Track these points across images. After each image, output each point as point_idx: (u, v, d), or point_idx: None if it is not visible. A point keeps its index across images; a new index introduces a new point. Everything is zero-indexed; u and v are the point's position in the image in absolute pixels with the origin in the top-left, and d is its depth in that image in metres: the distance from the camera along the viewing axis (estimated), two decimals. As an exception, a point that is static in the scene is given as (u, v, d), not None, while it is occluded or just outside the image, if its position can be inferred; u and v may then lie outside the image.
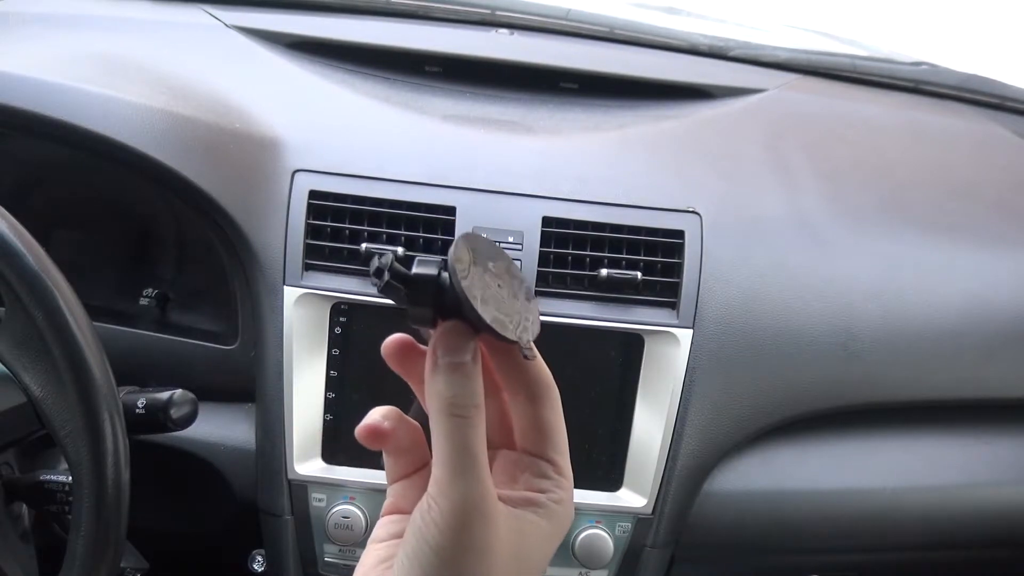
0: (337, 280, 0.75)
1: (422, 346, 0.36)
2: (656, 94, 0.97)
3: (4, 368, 0.57)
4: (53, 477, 0.61)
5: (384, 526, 0.38)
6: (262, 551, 0.83)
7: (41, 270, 0.55)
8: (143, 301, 0.84)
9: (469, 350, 0.33)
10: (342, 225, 0.75)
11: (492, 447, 0.38)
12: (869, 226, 0.85)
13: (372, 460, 0.77)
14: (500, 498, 0.34)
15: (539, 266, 0.75)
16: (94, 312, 0.59)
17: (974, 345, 0.84)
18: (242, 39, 0.93)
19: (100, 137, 0.73)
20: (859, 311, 0.80)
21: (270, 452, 0.76)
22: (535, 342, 0.35)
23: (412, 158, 0.79)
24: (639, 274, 0.76)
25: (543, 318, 0.37)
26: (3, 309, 0.57)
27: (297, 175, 0.76)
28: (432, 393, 0.33)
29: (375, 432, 0.37)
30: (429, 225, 0.76)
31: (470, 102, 0.93)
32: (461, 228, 0.75)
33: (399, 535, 0.36)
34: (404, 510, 0.38)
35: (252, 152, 0.78)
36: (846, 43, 1.19)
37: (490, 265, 0.33)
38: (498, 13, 1.03)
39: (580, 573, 0.80)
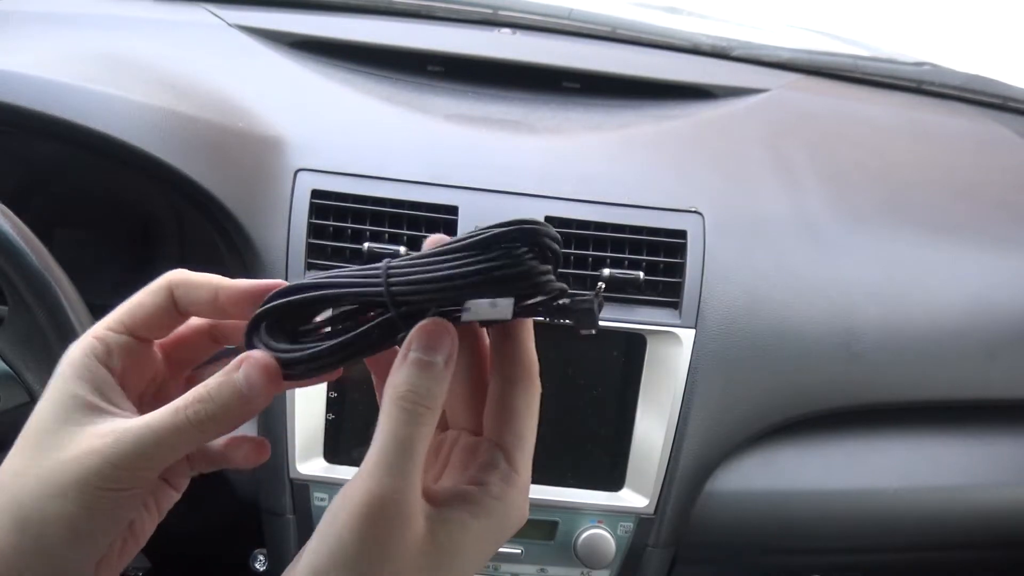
0: (339, 279, 0.75)
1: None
2: (658, 94, 0.97)
3: (7, 367, 0.57)
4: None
5: None
6: (264, 550, 0.84)
7: (44, 269, 0.55)
8: (145, 300, 0.84)
9: (443, 352, 0.31)
10: (344, 224, 0.75)
11: (458, 427, 0.37)
12: (871, 226, 0.85)
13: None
14: (430, 493, 0.32)
15: (541, 266, 0.75)
16: (96, 311, 0.59)
17: (976, 345, 0.83)
18: (244, 38, 0.93)
19: (103, 136, 0.73)
20: (861, 311, 0.80)
21: (272, 451, 0.76)
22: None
23: (414, 157, 0.79)
24: (641, 274, 0.76)
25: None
26: (6, 308, 0.57)
27: (300, 174, 0.76)
28: (390, 382, 0.31)
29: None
30: (432, 225, 0.76)
31: (472, 101, 0.93)
32: (463, 228, 0.75)
33: None
34: None
35: (255, 151, 0.78)
36: (848, 43, 1.19)
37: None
38: (500, 13, 1.03)
39: (582, 573, 0.80)
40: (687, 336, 0.76)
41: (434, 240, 0.33)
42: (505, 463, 0.33)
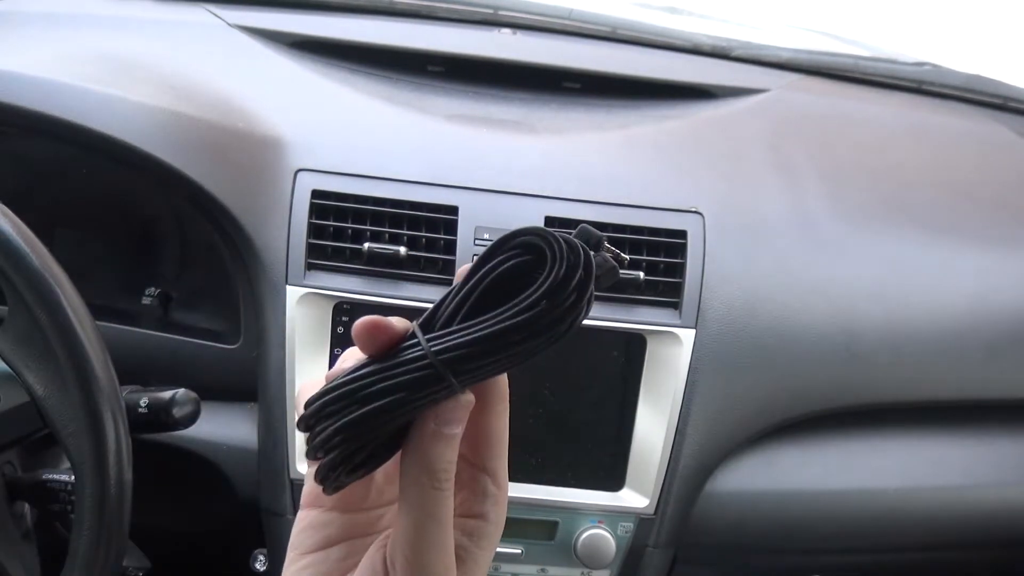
0: (339, 279, 0.75)
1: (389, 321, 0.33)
2: (659, 94, 0.97)
3: (7, 367, 0.57)
4: (56, 476, 0.61)
5: (308, 531, 0.37)
6: (264, 550, 0.83)
7: (44, 269, 0.55)
8: (145, 300, 0.84)
9: (462, 423, 0.32)
10: (344, 224, 0.75)
11: None
12: (872, 226, 0.85)
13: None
14: None
15: (541, 266, 0.75)
16: (97, 311, 0.59)
17: (977, 346, 0.83)
18: (245, 38, 0.93)
19: (104, 136, 0.73)
20: (862, 311, 0.80)
21: (272, 451, 0.76)
22: None
23: (414, 158, 0.79)
24: (641, 274, 0.75)
25: None
26: (6, 308, 0.57)
27: (300, 174, 0.76)
28: (419, 459, 0.32)
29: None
30: (432, 225, 0.76)
31: (473, 102, 0.93)
32: (464, 228, 0.75)
33: (326, 544, 0.36)
34: (323, 505, 0.37)
35: (255, 152, 0.78)
36: (849, 43, 1.19)
37: None
38: (501, 13, 1.03)
39: (582, 573, 0.80)
40: (687, 336, 0.76)
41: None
42: (493, 486, 0.35)
